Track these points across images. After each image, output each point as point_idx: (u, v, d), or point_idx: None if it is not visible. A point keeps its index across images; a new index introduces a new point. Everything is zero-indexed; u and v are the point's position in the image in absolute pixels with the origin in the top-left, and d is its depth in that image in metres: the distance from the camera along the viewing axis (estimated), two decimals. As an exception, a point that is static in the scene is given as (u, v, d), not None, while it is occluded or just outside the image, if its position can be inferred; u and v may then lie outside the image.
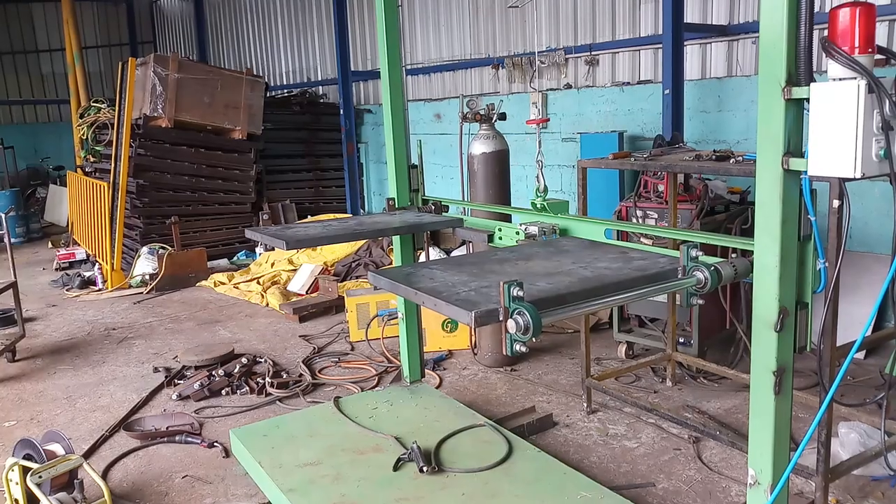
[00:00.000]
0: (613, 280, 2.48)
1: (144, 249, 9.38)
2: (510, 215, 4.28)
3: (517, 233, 3.53)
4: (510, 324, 2.07)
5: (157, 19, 21.23)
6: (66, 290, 8.97)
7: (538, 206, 3.62)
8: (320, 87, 14.01)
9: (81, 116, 12.73)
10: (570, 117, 8.65)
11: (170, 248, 9.23)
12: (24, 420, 5.08)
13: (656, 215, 5.41)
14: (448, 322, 5.98)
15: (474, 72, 10.53)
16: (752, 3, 7.06)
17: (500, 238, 3.69)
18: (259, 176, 11.11)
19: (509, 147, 5.65)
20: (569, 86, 8.85)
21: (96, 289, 8.94)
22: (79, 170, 12.31)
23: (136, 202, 9.80)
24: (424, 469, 3.60)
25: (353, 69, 12.15)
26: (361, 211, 12.32)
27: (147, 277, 8.93)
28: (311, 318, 7.27)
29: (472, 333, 5.89)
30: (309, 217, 10.83)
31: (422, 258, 4.50)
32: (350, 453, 3.86)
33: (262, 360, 5.85)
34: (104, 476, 4.12)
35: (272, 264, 9.14)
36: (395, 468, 3.66)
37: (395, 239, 4.45)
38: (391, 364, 5.72)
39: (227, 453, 4.36)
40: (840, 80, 2.04)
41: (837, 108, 2.01)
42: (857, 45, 2.03)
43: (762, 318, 2.29)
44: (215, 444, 4.47)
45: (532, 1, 8.89)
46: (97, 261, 9.49)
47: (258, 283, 8.55)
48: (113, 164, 9.47)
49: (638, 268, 2.64)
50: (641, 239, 4.77)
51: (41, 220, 14.84)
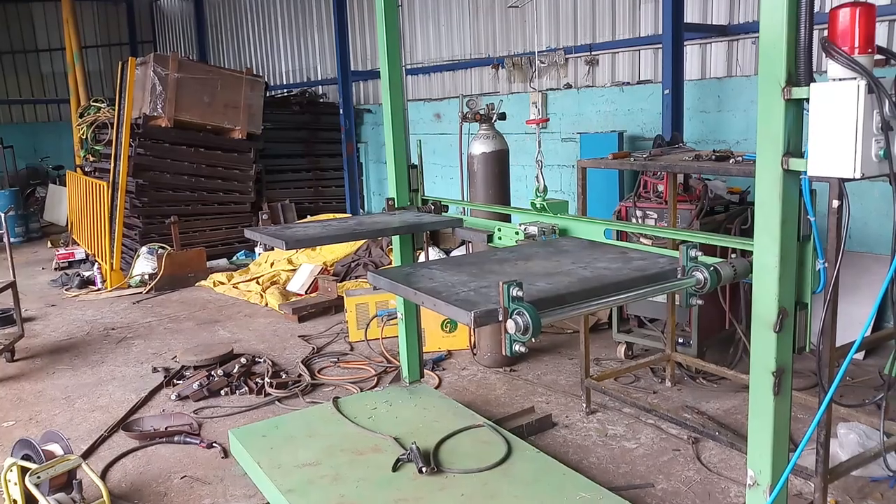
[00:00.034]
0: (613, 280, 2.48)
1: (144, 249, 9.37)
2: (510, 215, 4.28)
3: (517, 233, 3.53)
4: (509, 324, 2.07)
5: (157, 19, 21.23)
6: (66, 290, 8.96)
7: (538, 206, 3.62)
8: (320, 86, 14.01)
9: (81, 116, 12.73)
10: (570, 117, 8.65)
11: (169, 248, 9.23)
12: (23, 420, 5.07)
13: (656, 215, 5.41)
14: (447, 322, 5.98)
15: (474, 72, 10.53)
16: (752, 3, 7.06)
17: (500, 238, 3.69)
18: (258, 176, 11.11)
19: (509, 147, 5.65)
20: (568, 86, 8.85)
21: (95, 288, 8.94)
22: (78, 169, 12.31)
23: (135, 202, 9.80)
24: (423, 470, 3.60)
25: (352, 69, 12.16)
26: (361, 211, 12.32)
27: (146, 277, 8.93)
28: (311, 318, 7.27)
29: (472, 334, 5.89)
30: (308, 217, 10.82)
31: (421, 258, 4.50)
32: (349, 454, 3.86)
33: (262, 361, 5.84)
34: (103, 476, 4.12)
35: (271, 264, 9.14)
36: (394, 469, 3.66)
37: (395, 239, 4.45)
38: (390, 364, 5.72)
39: (225, 454, 4.36)
40: (840, 80, 2.04)
41: (837, 109, 2.01)
42: (856, 45, 2.03)
43: (761, 319, 2.29)
44: (214, 444, 4.47)
45: (532, 1, 8.88)
46: (96, 260, 9.48)
47: (257, 282, 8.54)
48: (112, 164, 9.47)
49: (637, 268, 2.63)
50: (641, 239, 4.77)
51: (40, 220, 14.85)
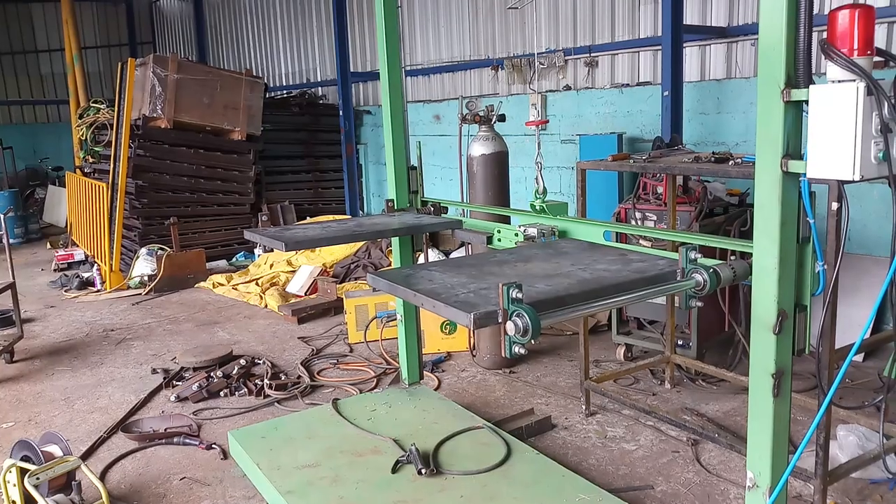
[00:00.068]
0: (612, 282, 2.48)
1: (143, 250, 9.37)
2: (509, 217, 4.28)
3: (516, 234, 3.53)
4: (509, 326, 2.07)
5: (157, 20, 21.24)
6: (65, 291, 8.96)
7: (537, 207, 3.62)
8: (320, 88, 14.01)
9: (80, 117, 12.74)
10: (570, 119, 8.65)
11: (168, 250, 9.23)
12: (22, 421, 5.07)
13: (655, 217, 5.42)
14: (447, 324, 5.98)
15: (474, 73, 10.54)
16: (752, 5, 7.07)
17: (499, 240, 3.69)
18: (258, 177, 11.11)
19: (508, 148, 5.65)
20: (568, 87, 8.85)
21: (95, 290, 8.94)
22: (78, 170, 12.32)
23: (134, 203, 9.80)
24: (423, 471, 3.59)
25: (352, 70, 12.17)
26: (360, 212, 12.32)
27: (146, 278, 8.92)
28: (310, 319, 7.27)
29: (471, 335, 5.89)
30: (308, 218, 10.82)
31: (421, 260, 4.50)
32: (348, 455, 3.86)
33: (261, 362, 5.84)
34: (102, 478, 4.12)
35: (271, 265, 9.14)
36: (394, 470, 3.66)
37: (394, 240, 4.45)
38: (390, 366, 5.72)
39: (225, 455, 4.35)
40: (839, 82, 2.04)
41: (836, 111, 2.01)
42: (855, 47, 2.03)
43: (761, 321, 2.29)
44: (213, 445, 4.47)
45: (531, 2, 8.89)
46: (96, 262, 9.48)
47: (257, 284, 8.54)
48: (112, 165, 9.47)
49: (637, 270, 2.64)
50: (640, 241, 4.77)
51: (40, 221, 14.86)
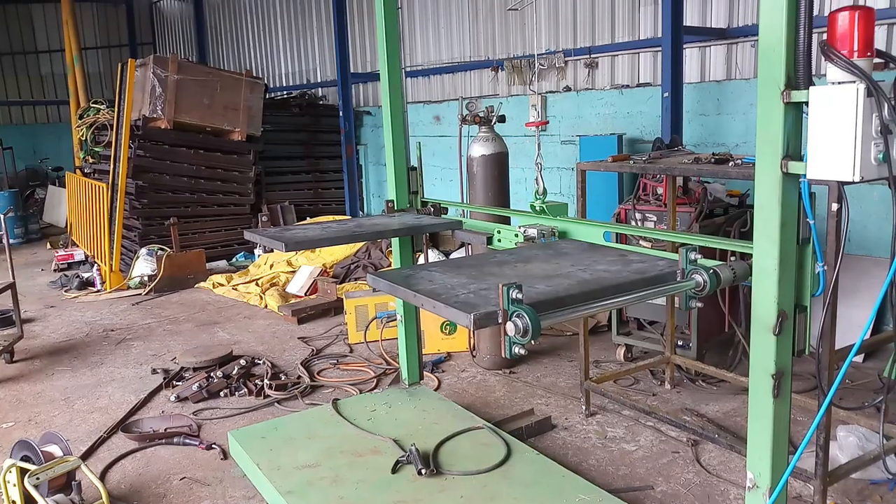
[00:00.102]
0: (612, 283, 2.48)
1: (143, 251, 9.37)
2: (509, 217, 4.28)
3: (516, 235, 3.53)
4: (509, 326, 2.07)
5: (157, 21, 21.25)
6: (65, 292, 8.96)
7: (537, 208, 3.62)
8: (320, 88, 14.02)
9: (81, 117, 12.74)
10: (570, 120, 8.66)
11: (168, 250, 9.23)
12: (22, 421, 5.07)
13: (655, 218, 5.42)
14: (447, 324, 5.98)
15: (474, 74, 10.55)
16: (752, 6, 7.07)
17: (499, 240, 3.69)
18: (258, 177, 11.11)
19: (508, 149, 5.65)
20: (568, 88, 8.86)
21: (95, 290, 8.93)
22: (78, 171, 12.32)
23: (135, 203, 9.80)
24: (423, 471, 3.60)
25: (352, 71, 12.18)
26: (360, 213, 12.33)
27: (146, 279, 8.92)
28: (310, 319, 7.27)
29: (471, 336, 5.89)
30: (308, 219, 10.83)
31: (420, 260, 4.50)
32: (348, 455, 3.86)
33: (261, 362, 5.84)
34: (102, 478, 4.12)
35: (271, 266, 9.14)
36: (394, 471, 3.66)
37: (394, 241, 4.45)
38: (390, 366, 5.72)
39: (225, 455, 4.35)
40: (839, 83, 2.04)
41: (836, 112, 2.02)
42: (856, 48, 2.03)
43: (761, 322, 2.29)
44: (213, 445, 4.47)
45: (531, 3, 8.90)
46: (96, 262, 9.49)
47: (257, 284, 8.54)
48: (112, 166, 9.47)
49: (637, 270, 2.64)
50: (640, 242, 4.77)
51: (40, 221, 14.86)
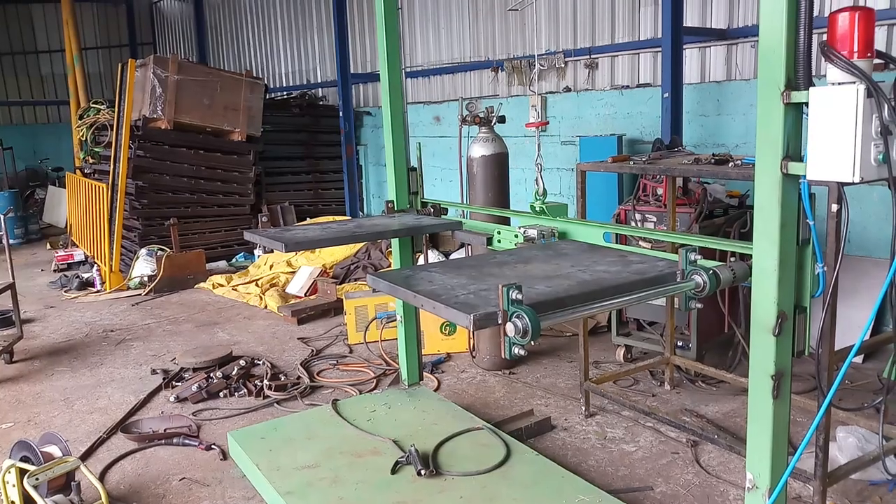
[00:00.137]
0: (612, 283, 2.48)
1: (143, 251, 9.37)
2: (509, 218, 4.28)
3: (516, 236, 3.53)
4: (509, 327, 2.07)
5: (157, 21, 21.26)
6: (65, 292, 8.95)
7: (537, 209, 3.62)
8: (320, 89, 14.02)
9: (81, 118, 12.74)
10: (570, 120, 8.66)
11: (168, 250, 9.23)
12: (22, 422, 5.07)
13: (655, 219, 5.42)
14: (446, 325, 5.98)
15: (474, 74, 10.55)
16: (752, 7, 7.08)
17: (499, 241, 3.69)
18: (258, 178, 11.11)
19: (508, 150, 5.65)
20: (568, 89, 8.86)
21: (94, 290, 8.93)
22: (78, 171, 12.32)
23: (134, 204, 9.80)
24: (422, 472, 3.59)
25: (352, 71, 12.18)
26: (360, 213, 12.33)
27: (145, 279, 8.92)
28: (310, 320, 7.26)
29: (471, 336, 5.89)
30: (308, 219, 10.83)
31: (420, 261, 4.50)
32: (348, 456, 3.85)
33: (261, 363, 5.84)
34: (101, 478, 4.12)
35: (271, 266, 9.13)
36: (393, 471, 3.66)
37: (394, 241, 4.45)
38: (389, 367, 5.72)
39: (224, 456, 4.35)
40: (839, 84, 2.04)
41: (836, 113, 2.01)
42: (856, 49, 2.03)
43: (761, 322, 2.29)
44: (213, 446, 4.46)
45: (532, 4, 8.90)
46: (95, 262, 9.49)
47: (256, 285, 8.54)
48: (112, 166, 9.47)
49: (636, 271, 2.64)
50: (640, 242, 4.77)
51: (40, 222, 14.86)
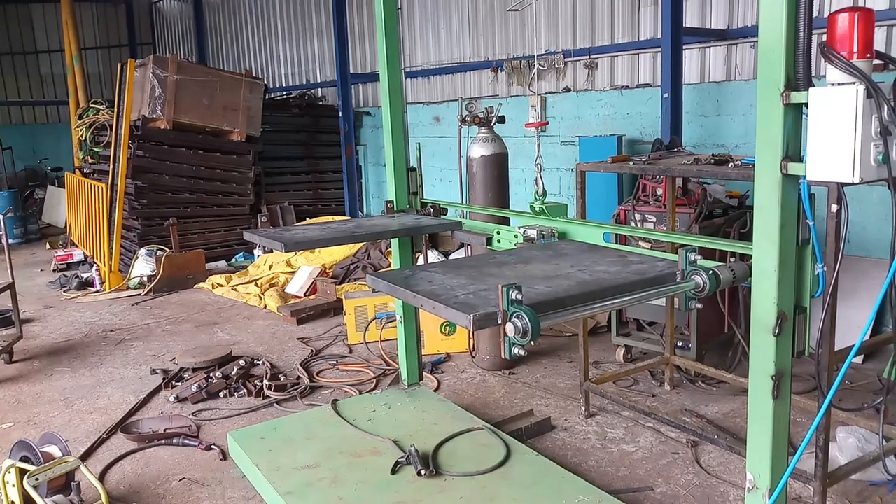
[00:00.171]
0: (612, 284, 2.48)
1: (142, 251, 9.37)
2: (509, 218, 4.28)
3: (516, 236, 3.53)
4: (508, 327, 2.07)
5: (157, 21, 21.25)
6: (64, 292, 8.95)
7: (537, 209, 3.62)
8: (319, 89, 14.02)
9: (80, 118, 12.74)
10: (569, 121, 8.66)
11: (168, 250, 9.23)
12: (21, 422, 5.07)
13: (655, 219, 5.42)
14: (446, 325, 5.98)
15: (473, 75, 10.55)
16: (752, 8, 7.08)
17: (499, 241, 3.69)
18: (257, 178, 11.11)
19: (508, 150, 5.66)
20: (568, 89, 8.86)
21: (94, 290, 8.93)
22: (77, 171, 12.32)
23: (134, 204, 9.80)
24: (422, 472, 3.59)
25: (352, 72, 12.18)
26: (360, 213, 12.32)
27: (145, 279, 8.92)
28: (309, 320, 7.26)
29: (471, 337, 5.89)
30: (307, 219, 10.82)
31: (420, 261, 4.50)
32: (348, 456, 3.85)
33: (260, 363, 5.84)
34: (101, 478, 4.12)
35: (270, 266, 9.13)
36: (393, 471, 3.66)
37: (394, 241, 4.45)
38: (389, 367, 5.71)
39: (224, 456, 4.35)
40: (839, 84, 2.04)
41: (836, 113, 2.01)
42: (855, 50, 2.03)
43: (760, 323, 2.29)
44: (213, 446, 4.46)
45: (531, 4, 8.90)
46: (95, 262, 9.48)
47: (256, 285, 8.53)
48: (111, 166, 9.47)
49: (636, 271, 2.64)
50: (640, 243, 4.77)
51: (39, 222, 14.85)
